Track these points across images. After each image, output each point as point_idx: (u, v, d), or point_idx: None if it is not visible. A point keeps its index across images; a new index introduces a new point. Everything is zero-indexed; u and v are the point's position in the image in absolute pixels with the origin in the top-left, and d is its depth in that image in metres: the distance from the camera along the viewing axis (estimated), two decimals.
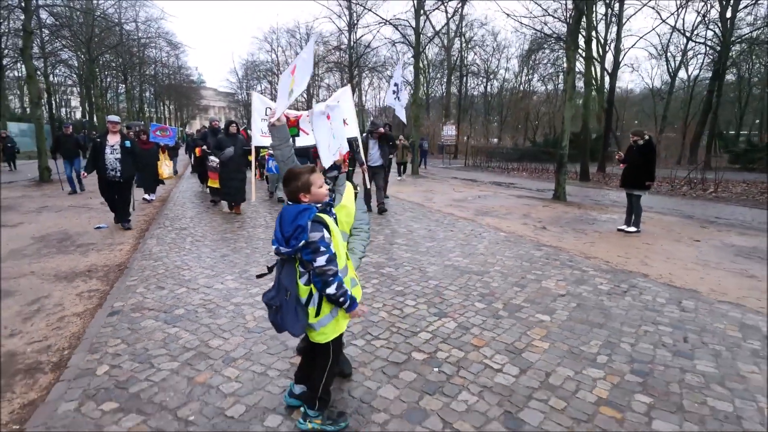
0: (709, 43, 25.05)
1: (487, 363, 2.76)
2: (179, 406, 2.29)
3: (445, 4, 20.76)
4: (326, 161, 2.44)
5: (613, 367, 2.72)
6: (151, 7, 41.38)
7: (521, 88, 39.79)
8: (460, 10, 27.64)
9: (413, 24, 17.42)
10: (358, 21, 24.12)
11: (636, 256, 5.57)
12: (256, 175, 8.87)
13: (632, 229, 6.97)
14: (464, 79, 39.12)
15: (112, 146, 6.47)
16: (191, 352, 2.87)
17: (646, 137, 6.99)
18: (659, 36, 29.99)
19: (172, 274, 4.50)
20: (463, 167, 23.43)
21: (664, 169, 15.58)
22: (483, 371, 2.66)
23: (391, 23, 18.18)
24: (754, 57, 27.68)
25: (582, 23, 12.17)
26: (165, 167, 9.87)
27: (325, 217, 1.88)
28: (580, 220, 8.15)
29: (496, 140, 38.44)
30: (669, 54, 31.62)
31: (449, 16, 30.67)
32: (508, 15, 17.58)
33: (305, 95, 31.72)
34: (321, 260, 1.80)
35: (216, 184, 8.28)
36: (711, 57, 26.33)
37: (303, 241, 1.78)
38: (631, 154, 6.98)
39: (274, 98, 9.23)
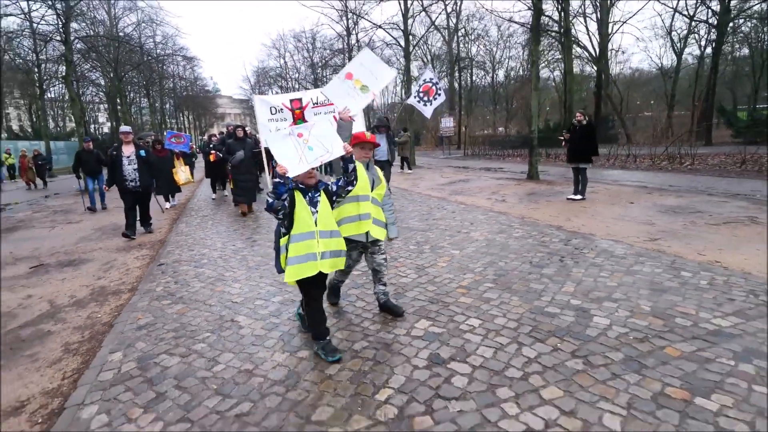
0: (711, 21, 25.37)
1: (399, 274, 4.24)
2: (206, 300, 3.86)
3: (440, 3, 21.94)
4: (295, 170, 2.56)
5: (481, 273, 4.14)
6: (166, 26, 43.99)
7: (525, 75, 40.43)
8: (457, 6, 28.79)
9: (402, 27, 18.75)
10: (356, 25, 25.57)
11: (566, 215, 6.87)
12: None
13: (578, 197, 8.21)
14: (471, 70, 40.14)
15: (128, 157, 6.58)
16: (212, 278, 4.45)
17: (586, 119, 8.23)
18: (661, 16, 30.22)
19: (198, 242, 6.14)
20: (462, 157, 24.66)
21: (661, 146, 16.40)
22: (394, 278, 4.13)
23: (382, 27, 19.57)
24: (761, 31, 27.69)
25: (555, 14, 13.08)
26: (181, 173, 10.22)
27: (297, 194, 2.59)
28: (541, 194, 9.41)
29: (501, 129, 39.21)
30: (674, 32, 31.76)
31: (447, 11, 31.82)
32: (488, 10, 18.60)
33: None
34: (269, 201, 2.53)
35: (233, 186, 8.69)
36: (710, 34, 26.58)
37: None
38: (575, 132, 8.22)
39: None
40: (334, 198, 2.76)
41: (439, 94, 8.26)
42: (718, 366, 2.34)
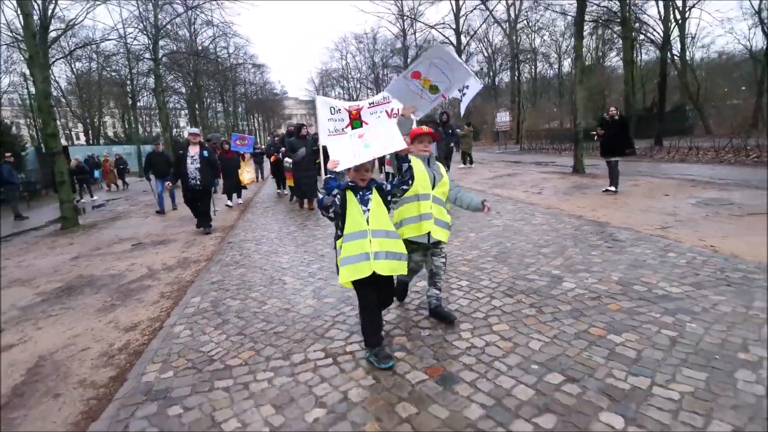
0: None
1: None
2: (261, 266, 4.94)
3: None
4: (346, 162, 2.56)
5: (486, 250, 4.80)
6: (237, 38, 47.94)
7: (592, 65, 38.57)
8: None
9: (453, 26, 19.20)
10: (412, 26, 26.35)
11: (593, 206, 7.18)
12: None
13: (612, 188, 8.38)
14: (535, 63, 39.17)
15: (192, 156, 6.95)
16: (268, 252, 5.55)
17: (619, 113, 8.36)
18: None
19: (259, 227, 7.36)
20: (518, 152, 24.47)
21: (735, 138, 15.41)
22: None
23: (435, 28, 20.19)
24: None
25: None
26: (246, 173, 10.75)
27: (348, 193, 2.56)
28: (580, 186, 9.60)
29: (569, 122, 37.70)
30: (765, 11, 28.76)
31: (507, 4, 31.46)
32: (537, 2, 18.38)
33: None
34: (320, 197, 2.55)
35: (292, 183, 9.35)
36: None
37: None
38: (608, 127, 8.39)
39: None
40: (389, 198, 2.69)
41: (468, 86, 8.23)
42: (644, 317, 2.88)
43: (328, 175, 2.54)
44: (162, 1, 17.60)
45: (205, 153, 7.09)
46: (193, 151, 7.03)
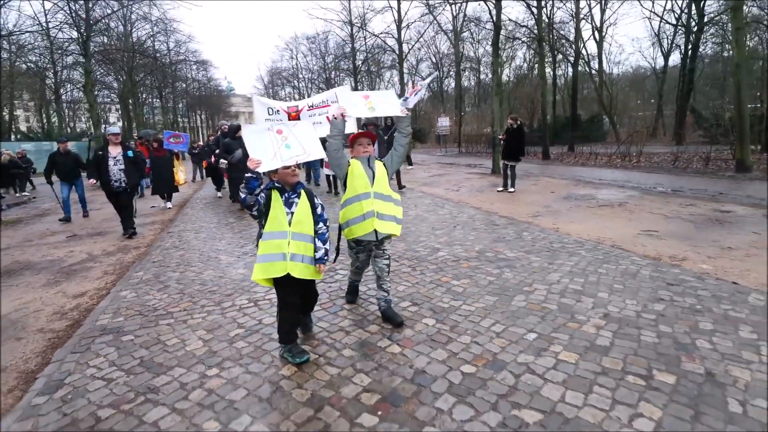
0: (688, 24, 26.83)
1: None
2: (199, 248, 5.68)
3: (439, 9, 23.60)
4: (267, 165, 2.58)
5: None
6: (179, 34, 46.47)
7: (531, 74, 41.68)
8: (464, 9, 30.37)
9: (396, 36, 20.57)
10: (359, 32, 27.46)
11: (492, 201, 8.56)
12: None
13: (511, 189, 9.87)
14: (479, 69, 41.57)
15: (115, 157, 6.66)
16: (206, 238, 6.28)
17: (518, 122, 9.90)
18: (650, 20, 31.66)
19: (199, 219, 8.02)
20: (456, 155, 26.33)
21: (622, 145, 17.90)
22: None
23: (378, 37, 21.47)
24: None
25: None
26: (180, 173, 10.23)
27: (273, 193, 2.57)
28: (494, 185, 11.06)
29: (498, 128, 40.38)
30: (663, 34, 33.18)
31: (454, 14, 33.43)
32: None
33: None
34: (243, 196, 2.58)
35: None
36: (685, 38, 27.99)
37: None
38: (509, 134, 9.88)
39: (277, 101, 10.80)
40: (316, 201, 2.72)
41: (421, 89, 8.28)
42: (481, 270, 4.08)
43: (248, 175, 2.53)
44: None
45: (129, 153, 6.83)
46: (115, 151, 6.70)
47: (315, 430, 2.02)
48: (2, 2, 17.06)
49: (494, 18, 12.49)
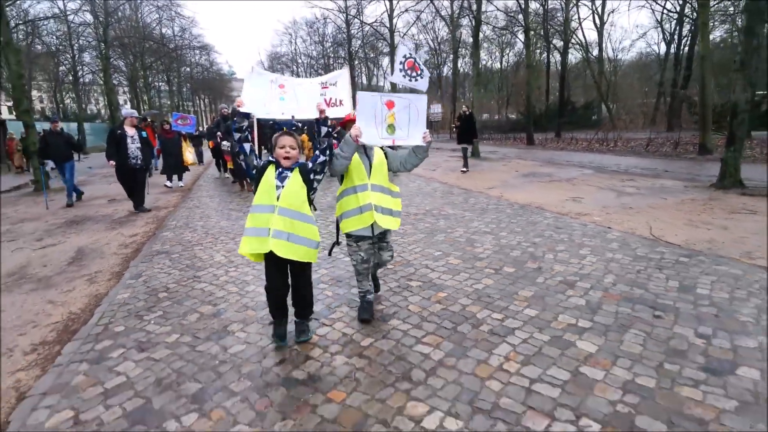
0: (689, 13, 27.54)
1: (320, 201, 7.51)
2: (204, 231, 7.20)
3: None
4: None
5: None
6: (183, 19, 47.47)
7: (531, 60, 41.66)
8: None
9: (387, 24, 21.72)
10: (354, 20, 28.49)
11: (459, 177, 10.00)
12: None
13: (463, 169, 11.20)
14: (478, 55, 41.64)
15: (132, 137, 7.22)
16: (221, 202, 7.79)
17: (469, 111, 11.33)
18: (651, 8, 32.07)
19: (211, 189, 9.51)
20: (447, 139, 27.62)
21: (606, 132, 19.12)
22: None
23: (372, 26, 22.60)
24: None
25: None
26: (188, 154, 10.66)
27: (270, 166, 2.55)
28: (470, 166, 12.49)
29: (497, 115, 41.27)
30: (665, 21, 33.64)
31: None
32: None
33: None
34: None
35: (232, 165, 9.95)
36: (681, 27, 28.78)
37: None
38: (462, 121, 11.27)
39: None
40: (312, 176, 2.61)
41: (422, 70, 9.96)
42: (423, 222, 5.57)
43: (238, 134, 2.60)
44: None
45: (144, 133, 7.54)
46: (132, 131, 7.28)
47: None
48: None
49: (474, 12, 13.69)
